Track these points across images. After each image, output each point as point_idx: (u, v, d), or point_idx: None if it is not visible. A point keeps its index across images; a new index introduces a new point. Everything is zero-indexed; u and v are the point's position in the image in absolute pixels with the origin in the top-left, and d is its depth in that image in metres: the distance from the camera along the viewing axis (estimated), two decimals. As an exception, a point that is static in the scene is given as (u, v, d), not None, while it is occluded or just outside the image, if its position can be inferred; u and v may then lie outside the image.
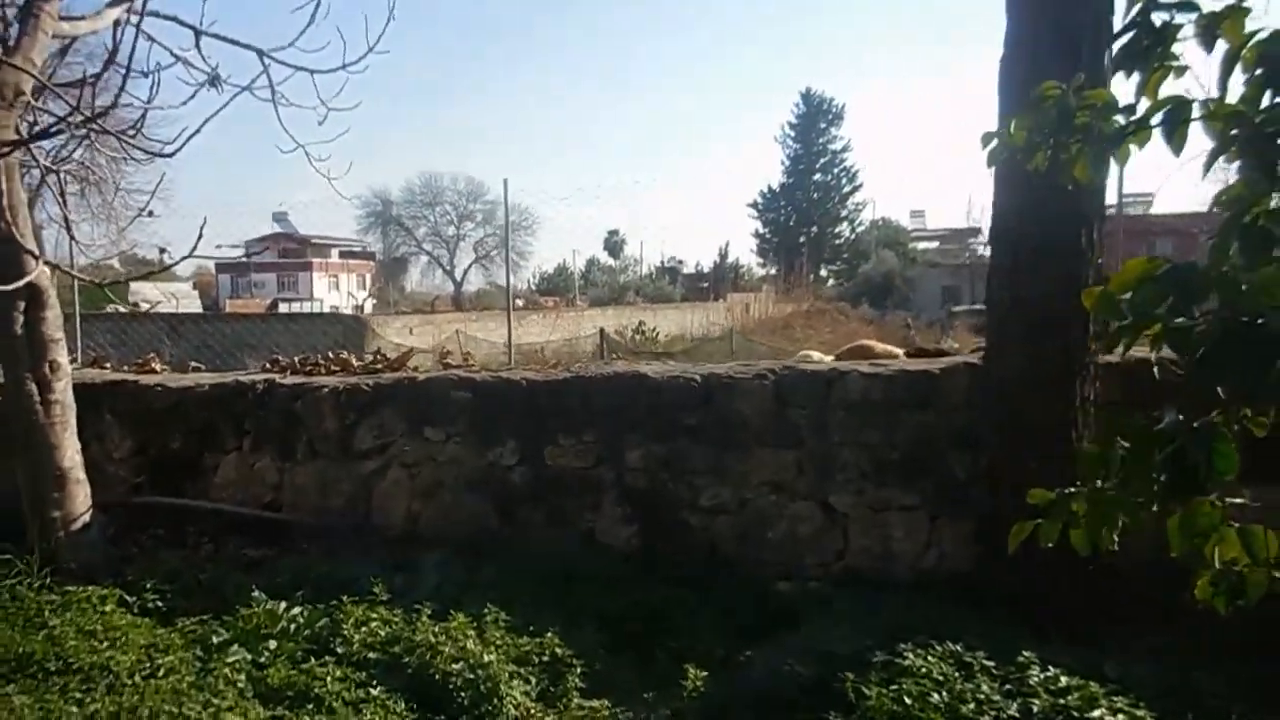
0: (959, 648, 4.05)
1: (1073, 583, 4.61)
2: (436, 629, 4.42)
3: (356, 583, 5.05)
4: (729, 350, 19.24)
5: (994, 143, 2.55)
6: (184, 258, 5.07)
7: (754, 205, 71.81)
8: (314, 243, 73.74)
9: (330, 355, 7.02)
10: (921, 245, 65.99)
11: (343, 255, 77.22)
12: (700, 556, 5.71)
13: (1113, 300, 2.16)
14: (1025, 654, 3.98)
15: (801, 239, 68.46)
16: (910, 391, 5.42)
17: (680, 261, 73.01)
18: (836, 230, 71.57)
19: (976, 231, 65.55)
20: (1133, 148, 2.29)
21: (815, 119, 70.57)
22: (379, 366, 6.79)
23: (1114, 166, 2.34)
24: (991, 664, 3.96)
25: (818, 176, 71.30)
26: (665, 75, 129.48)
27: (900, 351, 11.87)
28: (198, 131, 4.86)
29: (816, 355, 13.96)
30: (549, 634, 4.50)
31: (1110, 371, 4.98)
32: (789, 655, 4.28)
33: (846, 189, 71.25)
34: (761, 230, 71.99)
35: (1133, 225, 46.29)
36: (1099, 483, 2.18)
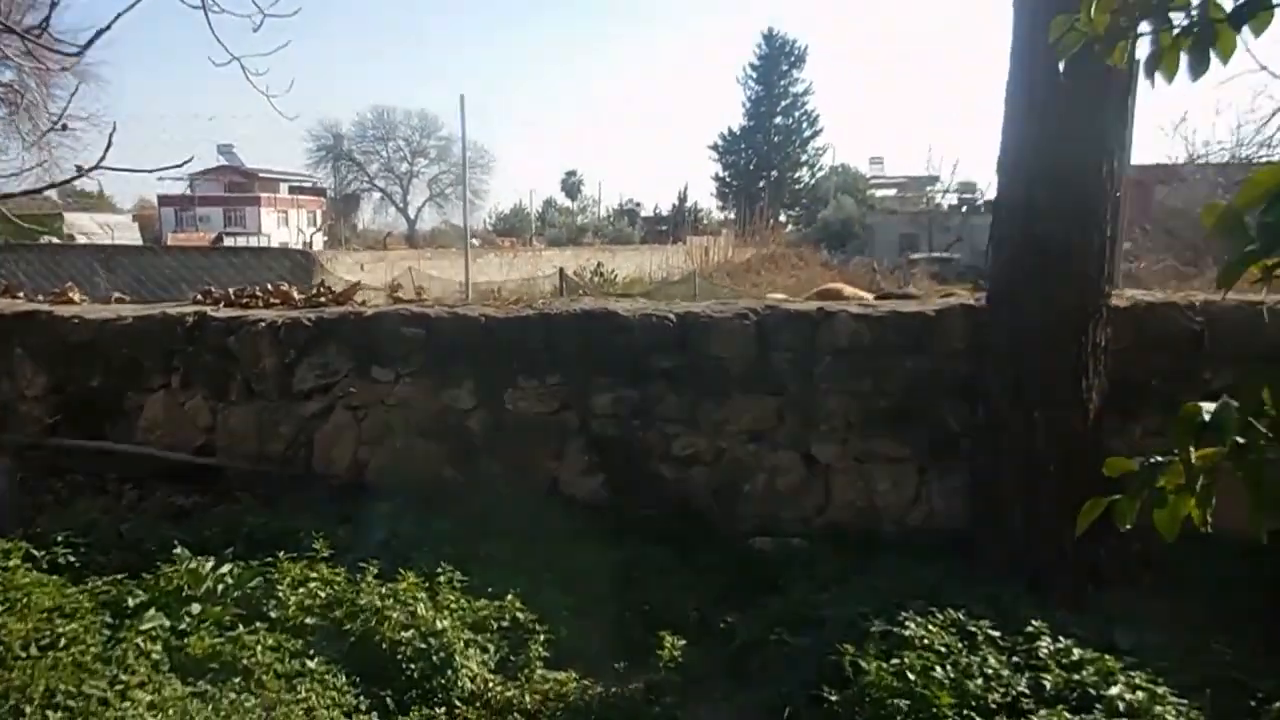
0: (961, 615, 3.69)
1: (1076, 544, 4.28)
2: (384, 590, 3.96)
3: (295, 537, 4.57)
4: (691, 293, 18.78)
5: (1066, 31, 2.06)
6: (92, 168, 4.44)
7: (714, 147, 70.76)
8: (262, 177, 71.36)
9: (270, 287, 6.42)
10: (879, 193, 65.75)
11: (292, 190, 74.91)
12: (673, 510, 5.30)
13: (1239, 220, 1.72)
14: (1034, 623, 3.63)
15: (761, 183, 67.73)
16: (902, 335, 5.01)
17: (638, 204, 72.01)
18: (796, 175, 70.90)
19: (935, 180, 65.47)
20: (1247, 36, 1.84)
21: (777, 61, 69.34)
22: (323, 300, 6.21)
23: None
24: (997, 634, 3.61)
25: (778, 120, 70.31)
26: (627, 13, 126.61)
27: (869, 296, 11.54)
28: (107, 28, 4.32)
29: (782, 299, 13.55)
30: (509, 596, 4.07)
31: (1119, 317, 4.61)
32: (775, 623, 3.89)
33: (807, 133, 70.40)
34: (721, 173, 71.11)
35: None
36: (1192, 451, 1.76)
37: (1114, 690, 3.30)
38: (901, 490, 5.10)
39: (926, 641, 3.51)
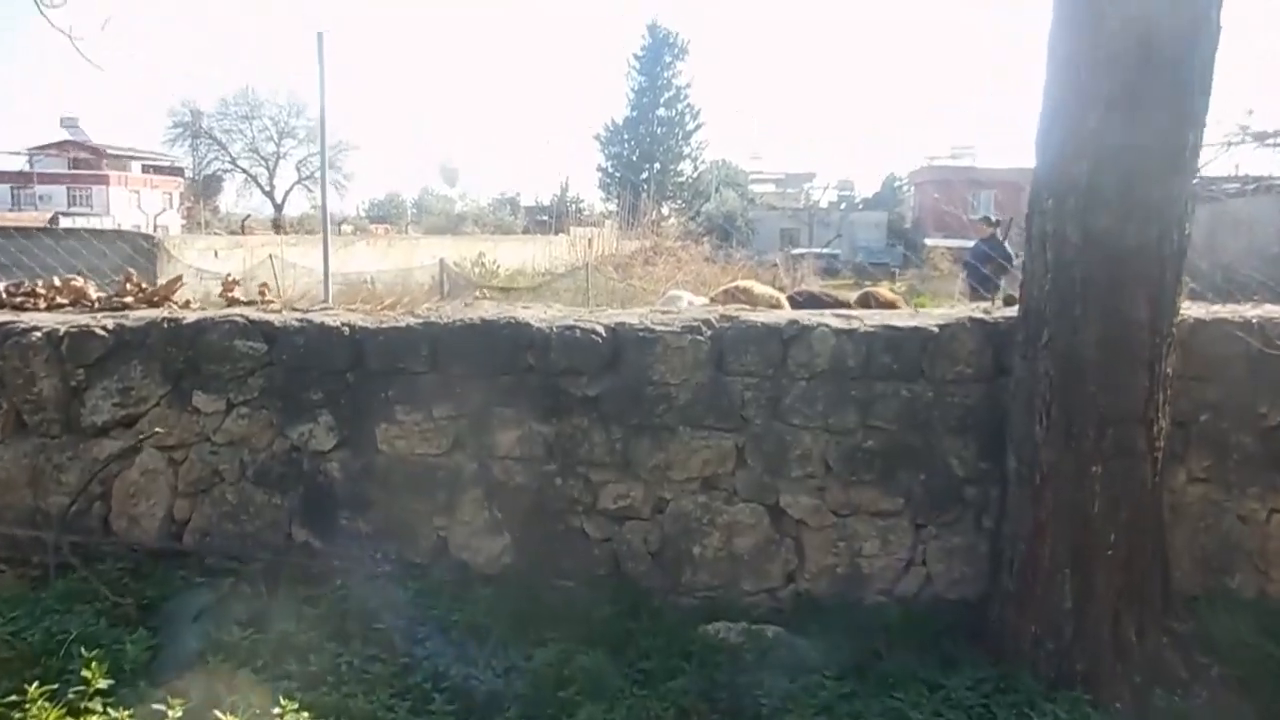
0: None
1: (1139, 631, 3.28)
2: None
3: (59, 653, 3.12)
4: (582, 287, 17.54)
5: None
6: None
7: (597, 138, 69.70)
8: (111, 154, 65.95)
9: (57, 282, 4.84)
10: (759, 188, 66.06)
11: (146, 169, 69.63)
12: (601, 580, 4.08)
13: None
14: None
15: (644, 174, 67.03)
16: (897, 356, 3.93)
17: (518, 194, 70.21)
18: (679, 168, 70.56)
19: (812, 176, 66.14)
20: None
21: (660, 53, 68.81)
22: (128, 300, 4.69)
23: None
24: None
25: (661, 111, 69.82)
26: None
27: (780, 295, 10.57)
28: None
29: (687, 296, 12.49)
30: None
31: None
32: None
33: (690, 126, 70.16)
34: (605, 164, 70.10)
35: (958, 176, 47.73)
36: None
37: None
38: (892, 551, 4.03)
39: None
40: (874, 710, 3.04)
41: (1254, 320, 3.91)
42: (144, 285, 4.84)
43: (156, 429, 4.20)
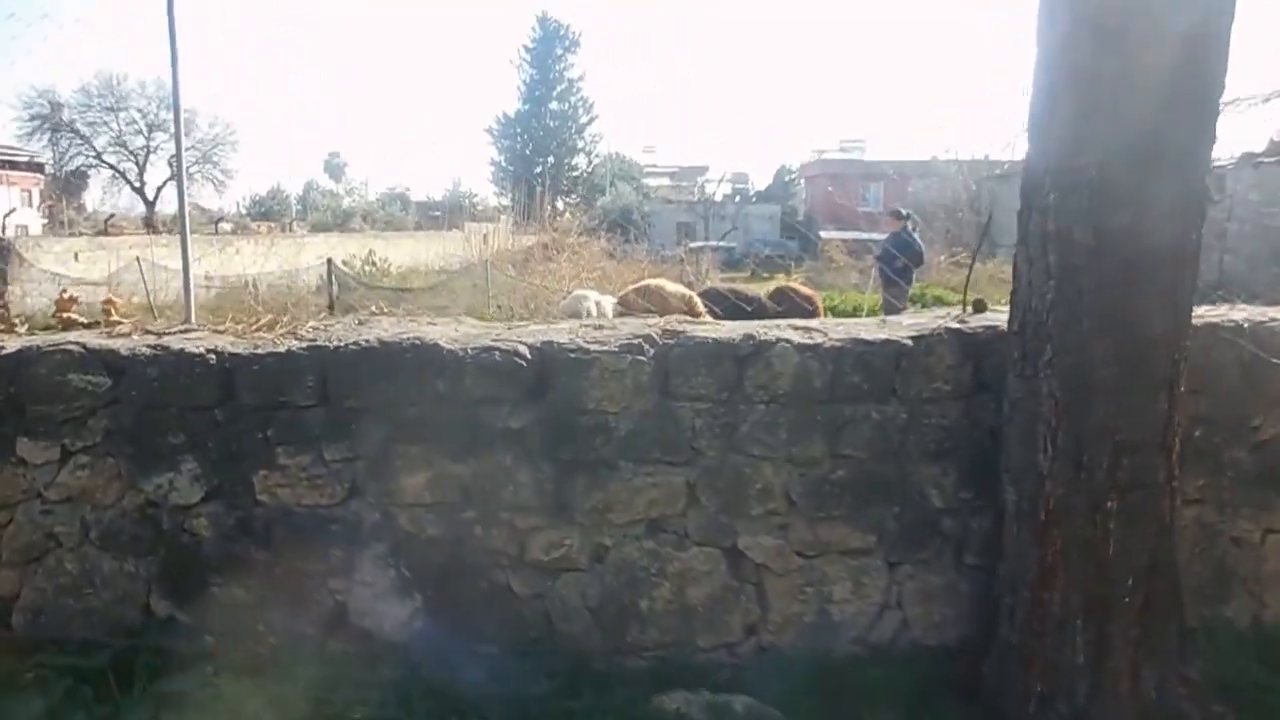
0: None
1: (1159, 688, 2.87)
2: None
3: None
4: (481, 286, 16.71)
5: None
6: None
7: (489, 131, 68.36)
8: (-45, 147, 60.97)
9: None
10: (653, 181, 65.91)
11: (1, 165, 64.68)
12: (532, 644, 3.47)
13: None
14: None
15: (538, 168, 66.05)
16: (867, 374, 3.43)
17: (408, 188, 68.21)
18: (573, 161, 69.83)
19: (706, 169, 66.38)
20: None
21: (552, 45, 67.93)
22: (-65, 325, 3.82)
23: None
24: None
25: (554, 105, 68.95)
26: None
27: (693, 294, 10.07)
28: None
29: (594, 295, 11.89)
30: None
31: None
32: None
33: (584, 119, 69.53)
34: (497, 158, 68.81)
35: (847, 169, 48.53)
36: None
37: None
38: (865, 595, 3.54)
39: None
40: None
41: (1243, 323, 3.57)
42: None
43: (-32, 488, 3.38)
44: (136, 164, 62.92)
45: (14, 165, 67.45)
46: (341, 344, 3.45)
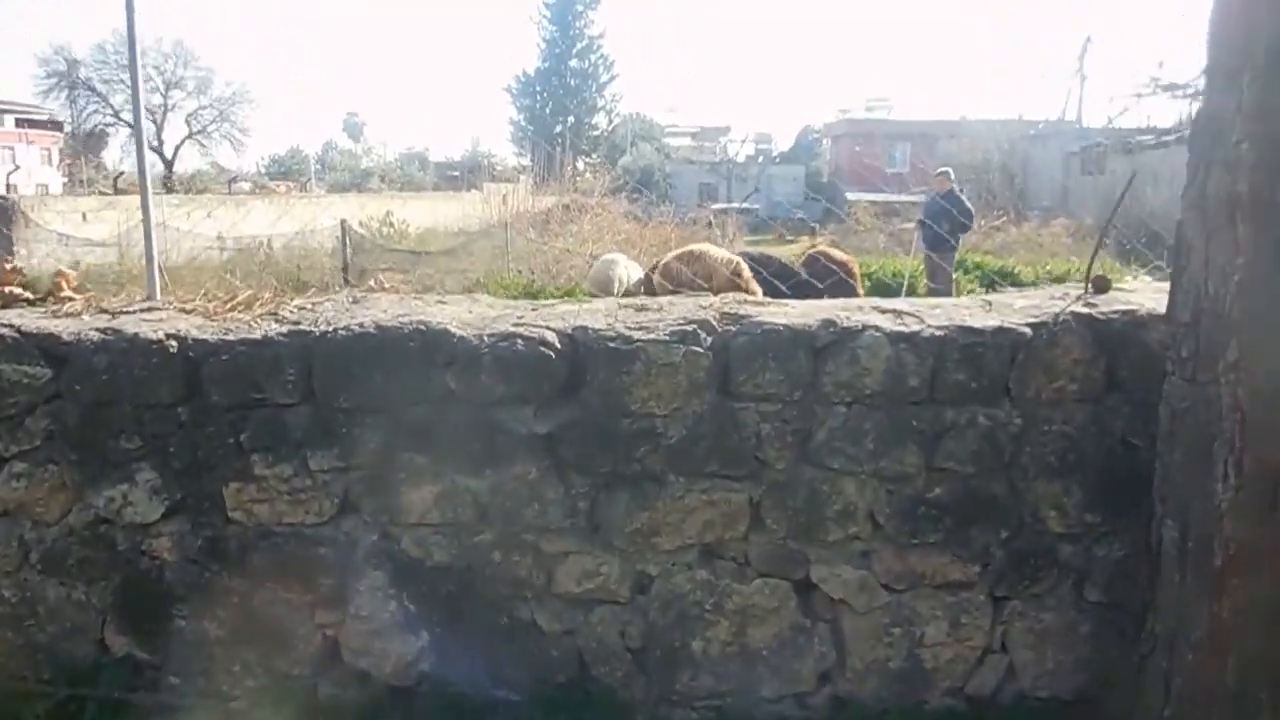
0: None
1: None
2: None
3: None
4: (501, 249, 16.02)
5: None
6: None
7: (509, 90, 67.25)
8: (-24, 105, 60.54)
9: None
10: (674, 141, 64.78)
11: (20, 124, 64.30)
12: (561, 691, 2.88)
13: None
14: None
15: (558, 128, 65.00)
16: (976, 370, 2.78)
17: (427, 148, 67.40)
18: (594, 121, 68.68)
19: (728, 129, 65.15)
20: None
21: (572, 1, 66.56)
22: None
23: None
24: None
25: (575, 63, 67.73)
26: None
27: (738, 259, 9.28)
28: None
29: (622, 260, 11.18)
30: None
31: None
32: None
33: (605, 78, 68.27)
34: (517, 117, 67.79)
35: (875, 129, 47.31)
36: None
37: None
38: (964, 637, 2.91)
39: None
40: None
41: None
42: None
43: (-126, 505, 2.80)
44: (154, 122, 62.35)
45: (33, 124, 67.14)
46: (331, 329, 2.83)
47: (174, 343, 2.81)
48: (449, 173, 59.05)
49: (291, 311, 3.02)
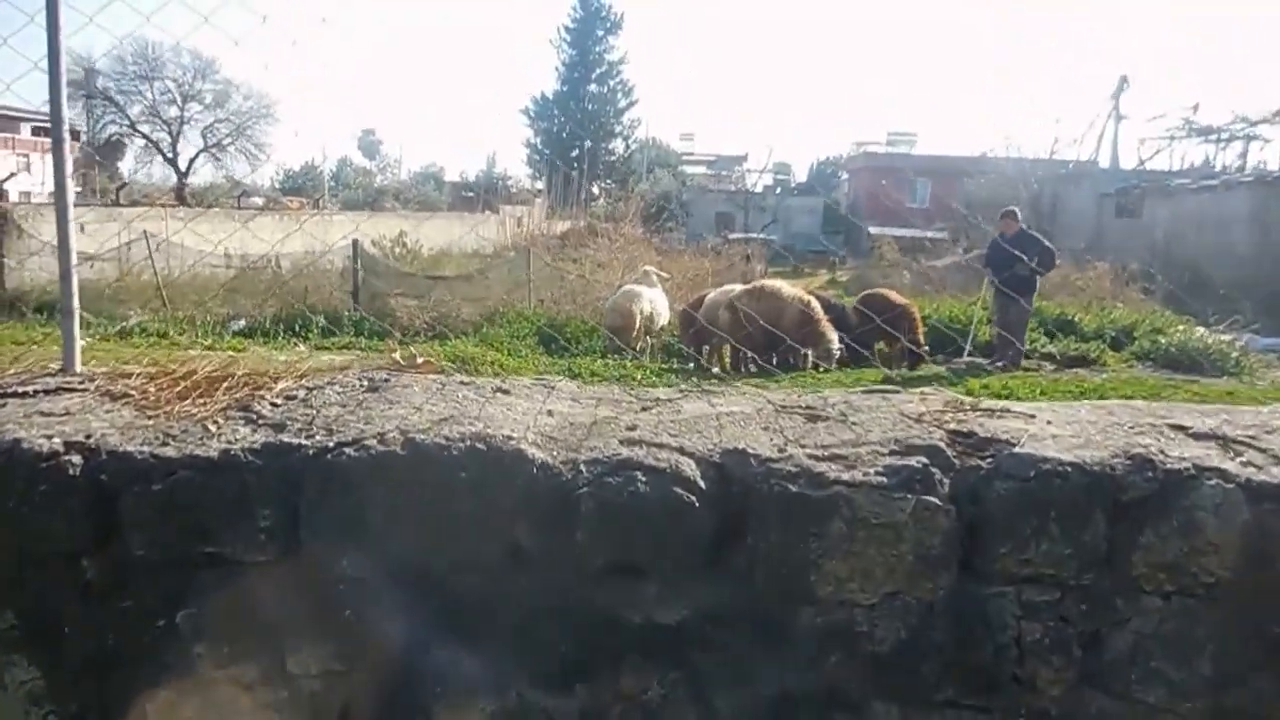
0: None
1: None
2: None
3: None
4: (523, 278, 14.85)
5: None
6: None
7: (525, 112, 66.77)
8: (-9, 113, 60.23)
9: None
10: (690, 169, 64.23)
11: (36, 132, 63.90)
12: None
13: None
14: None
15: (575, 152, 64.41)
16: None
17: (442, 168, 66.85)
18: (610, 146, 68.14)
19: (744, 158, 64.64)
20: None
21: (592, 25, 66.25)
22: None
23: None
24: None
25: (593, 87, 67.31)
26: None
27: (809, 297, 8.22)
28: None
29: (648, 294, 10.09)
30: None
31: None
32: None
33: (622, 103, 67.81)
34: (533, 140, 67.29)
35: (895, 163, 46.60)
36: None
37: None
38: None
39: None
40: None
41: None
42: None
43: None
44: (169, 134, 62.06)
45: (49, 132, 66.71)
46: (332, 444, 1.74)
47: (77, 457, 1.73)
48: (464, 193, 58.51)
49: (275, 403, 1.94)
